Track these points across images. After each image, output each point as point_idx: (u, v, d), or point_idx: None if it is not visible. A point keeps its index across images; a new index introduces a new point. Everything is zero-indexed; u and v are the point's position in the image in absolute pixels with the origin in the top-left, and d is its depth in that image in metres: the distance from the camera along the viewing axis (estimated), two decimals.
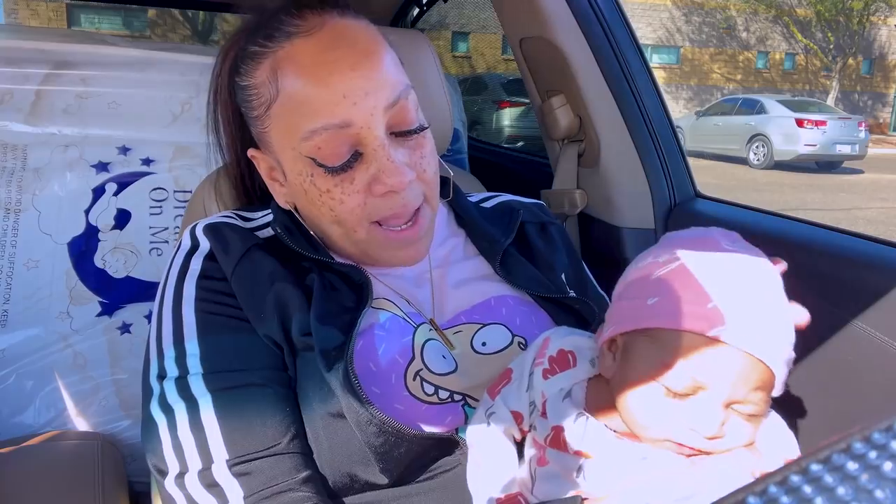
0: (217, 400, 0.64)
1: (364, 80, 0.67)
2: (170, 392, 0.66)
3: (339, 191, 0.68)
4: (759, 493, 0.21)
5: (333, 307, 0.70)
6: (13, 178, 1.47)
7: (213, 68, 0.81)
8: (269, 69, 0.69)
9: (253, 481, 0.62)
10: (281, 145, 0.71)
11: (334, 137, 0.66)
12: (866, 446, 0.21)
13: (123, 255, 1.54)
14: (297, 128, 0.67)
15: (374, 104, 0.67)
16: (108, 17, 17.34)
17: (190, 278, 0.71)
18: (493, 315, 0.76)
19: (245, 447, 0.63)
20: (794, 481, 0.21)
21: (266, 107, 0.70)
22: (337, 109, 0.66)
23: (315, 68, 0.67)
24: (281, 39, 0.69)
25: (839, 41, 22.33)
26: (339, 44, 0.68)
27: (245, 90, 0.73)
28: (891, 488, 0.20)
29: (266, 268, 0.71)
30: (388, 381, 0.67)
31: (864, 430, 0.22)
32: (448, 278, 0.79)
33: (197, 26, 18.02)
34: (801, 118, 12.44)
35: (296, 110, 0.67)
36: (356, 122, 0.66)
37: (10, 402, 1.47)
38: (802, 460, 0.22)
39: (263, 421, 0.64)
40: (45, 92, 1.48)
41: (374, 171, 0.68)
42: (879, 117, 24.14)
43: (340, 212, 0.69)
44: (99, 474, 1.24)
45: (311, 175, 0.69)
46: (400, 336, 0.70)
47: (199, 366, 0.66)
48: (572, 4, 1.22)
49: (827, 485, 0.21)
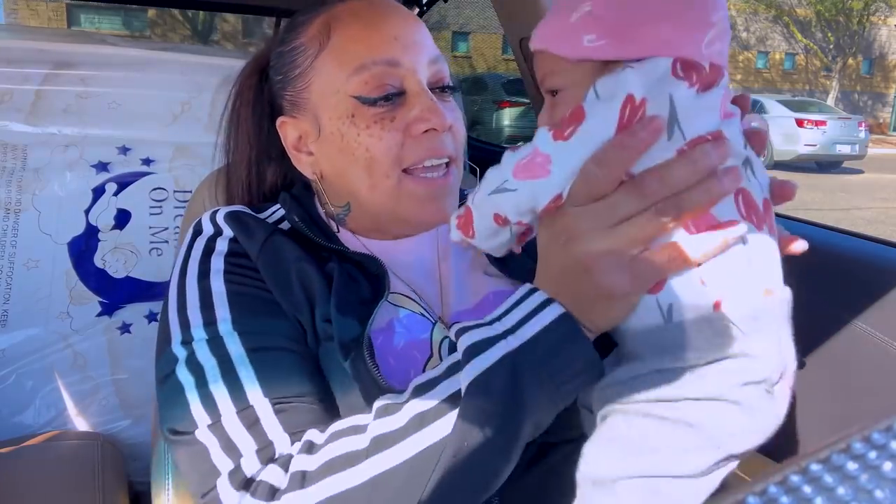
0: (252, 356, 0.63)
1: (413, 31, 0.74)
2: (200, 351, 0.64)
3: (379, 127, 0.70)
4: (759, 493, 0.22)
5: (353, 297, 0.70)
6: (13, 178, 1.47)
7: (242, 70, 0.86)
8: (321, 24, 0.75)
9: (293, 418, 0.60)
10: (323, 93, 0.73)
11: (382, 73, 0.70)
12: (866, 446, 0.21)
13: (123, 255, 1.54)
14: (345, 66, 0.71)
15: (420, 51, 0.73)
16: (108, 17, 17.35)
17: (217, 255, 0.72)
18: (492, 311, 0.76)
19: (283, 392, 0.61)
20: (794, 481, 0.21)
21: (313, 57, 0.74)
22: (387, 48, 0.71)
23: (370, 15, 0.73)
24: (334, 2, 0.76)
25: (839, 41, 22.34)
26: (390, 4, 0.76)
27: (288, 54, 0.77)
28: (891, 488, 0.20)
29: (290, 251, 0.72)
30: (406, 375, 0.67)
31: (863, 430, 0.22)
32: (452, 274, 0.80)
33: (197, 26, 18.03)
34: (801, 118, 12.46)
35: (346, 50, 0.72)
36: (404, 63, 0.71)
37: (10, 402, 1.47)
38: (802, 460, 0.22)
39: (300, 379, 0.64)
40: (45, 92, 1.48)
41: (417, 111, 0.71)
42: (879, 117, 24.15)
43: (377, 151, 0.70)
44: (99, 474, 1.24)
45: (352, 116, 0.71)
46: (419, 333, 0.71)
47: (230, 328, 0.65)
48: None
49: (827, 485, 0.21)
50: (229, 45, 16.93)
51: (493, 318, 0.55)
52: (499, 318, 0.54)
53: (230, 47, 15.32)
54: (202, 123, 1.58)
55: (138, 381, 1.55)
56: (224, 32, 18.45)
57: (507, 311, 0.54)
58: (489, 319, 0.55)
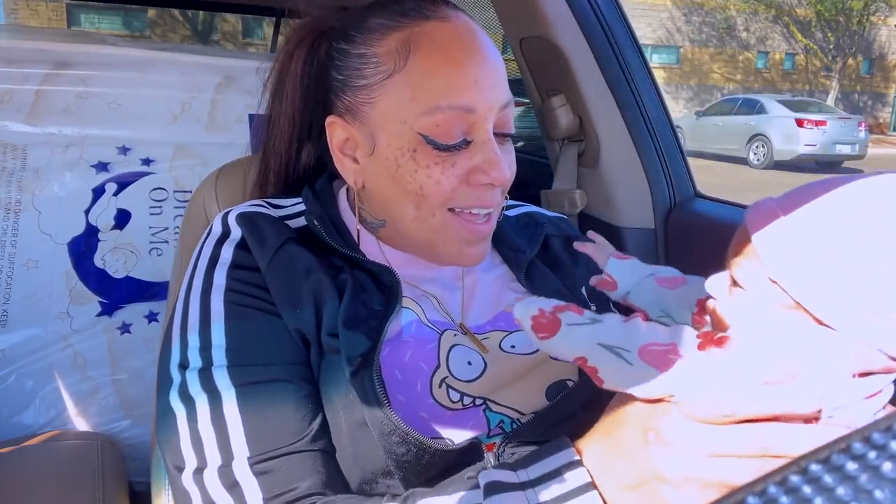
0: (240, 394, 0.63)
1: (493, 73, 0.70)
2: (192, 383, 0.64)
3: (440, 170, 0.68)
4: (759, 493, 0.21)
5: (361, 311, 0.69)
6: (13, 178, 1.47)
7: (289, 38, 0.81)
8: (399, 41, 0.70)
9: (272, 481, 0.61)
10: (387, 117, 0.70)
11: (454, 119, 0.68)
12: (866, 446, 0.21)
13: (123, 255, 1.54)
14: (418, 101, 0.68)
15: (495, 98, 0.70)
16: (108, 17, 17.35)
17: (221, 267, 0.71)
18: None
19: (266, 444, 0.62)
20: (794, 481, 0.21)
21: (385, 76, 0.70)
22: (466, 93, 0.68)
23: (452, 50, 0.69)
24: (417, 17, 0.71)
25: (839, 41, 22.34)
26: (472, 35, 0.71)
27: (357, 58, 0.72)
28: (890, 488, 0.20)
29: (302, 260, 0.71)
30: (413, 388, 0.67)
31: (863, 430, 0.22)
32: (478, 286, 0.79)
33: (197, 26, 18.03)
34: (801, 118, 12.46)
35: (422, 84, 0.68)
36: (477, 110, 0.68)
37: (10, 402, 1.47)
38: (802, 460, 0.22)
39: (286, 417, 0.64)
40: (45, 92, 1.48)
41: (479, 161, 0.69)
42: (879, 117, 24.16)
43: (431, 191, 0.69)
44: (99, 474, 1.24)
45: (414, 150, 0.69)
46: (425, 342, 0.70)
47: (224, 358, 0.65)
48: (572, 4, 1.22)
49: (826, 485, 0.21)
50: (229, 45, 16.93)
51: (520, 465, 0.53)
52: (524, 465, 0.53)
53: (230, 47, 15.34)
54: (202, 123, 1.58)
55: (138, 381, 1.55)
56: (224, 32, 18.44)
57: (536, 460, 0.53)
58: (514, 463, 0.54)
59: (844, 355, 0.46)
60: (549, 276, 0.82)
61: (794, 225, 0.48)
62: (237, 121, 1.62)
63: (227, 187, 0.97)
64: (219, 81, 1.61)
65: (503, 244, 0.84)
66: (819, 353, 0.46)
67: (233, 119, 1.62)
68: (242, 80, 1.63)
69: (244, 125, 1.62)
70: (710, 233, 1.16)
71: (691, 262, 0.69)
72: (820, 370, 0.46)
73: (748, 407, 0.45)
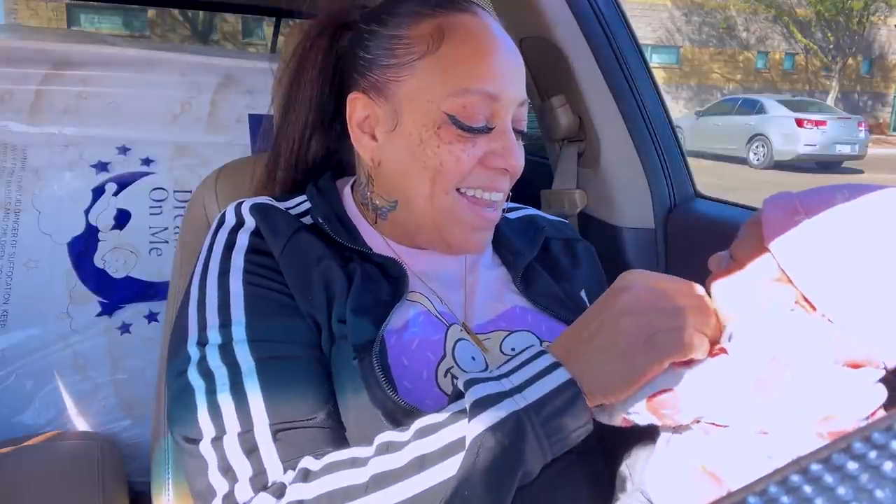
0: (261, 367, 0.65)
1: (516, 69, 0.75)
2: (212, 357, 0.65)
3: (461, 147, 0.71)
4: (759, 493, 0.22)
5: (369, 299, 0.71)
6: (13, 178, 1.47)
7: (309, 28, 0.84)
8: (434, 27, 0.74)
9: (290, 449, 0.62)
10: (414, 95, 0.73)
11: (480, 103, 0.71)
12: (866, 446, 0.21)
13: (123, 255, 1.54)
14: (448, 83, 0.71)
15: (517, 91, 0.75)
16: (108, 17, 17.35)
17: (238, 251, 0.72)
18: (520, 322, 0.77)
19: (286, 415, 0.63)
20: (794, 481, 0.21)
21: (417, 56, 0.73)
22: (493, 82, 0.72)
23: (484, 41, 0.73)
24: (451, 9, 0.75)
25: (839, 41, 22.34)
26: (500, 32, 0.76)
27: (388, 39, 0.76)
28: (891, 488, 0.20)
29: (313, 249, 0.73)
30: (419, 376, 0.68)
31: (864, 430, 0.22)
32: (478, 285, 0.81)
33: (197, 26, 18.03)
34: (800, 118, 12.44)
35: (454, 68, 0.72)
36: (501, 100, 0.72)
37: (10, 402, 1.47)
38: (802, 460, 0.22)
39: (305, 393, 0.65)
40: (45, 92, 1.48)
41: (498, 146, 0.73)
42: (879, 117, 24.16)
43: (450, 167, 0.72)
44: (99, 474, 1.24)
45: (438, 128, 0.72)
46: (432, 333, 0.72)
47: (244, 333, 0.66)
48: (572, 4, 1.22)
49: (827, 485, 0.21)
50: (229, 45, 16.92)
51: (502, 374, 0.58)
52: (507, 374, 0.58)
53: (230, 47, 15.33)
54: (202, 123, 1.58)
55: (138, 382, 1.55)
56: (224, 32, 18.44)
57: (516, 368, 0.58)
58: (497, 374, 0.58)
59: (831, 342, 0.51)
60: (546, 280, 0.83)
61: (816, 229, 0.54)
62: (237, 121, 1.62)
63: (227, 187, 0.97)
64: (219, 81, 1.61)
65: (502, 247, 0.85)
66: (806, 338, 0.52)
67: (233, 119, 1.62)
68: (242, 80, 1.64)
69: (244, 125, 1.63)
70: (710, 233, 1.16)
71: (691, 262, 0.69)
72: (806, 355, 0.51)
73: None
